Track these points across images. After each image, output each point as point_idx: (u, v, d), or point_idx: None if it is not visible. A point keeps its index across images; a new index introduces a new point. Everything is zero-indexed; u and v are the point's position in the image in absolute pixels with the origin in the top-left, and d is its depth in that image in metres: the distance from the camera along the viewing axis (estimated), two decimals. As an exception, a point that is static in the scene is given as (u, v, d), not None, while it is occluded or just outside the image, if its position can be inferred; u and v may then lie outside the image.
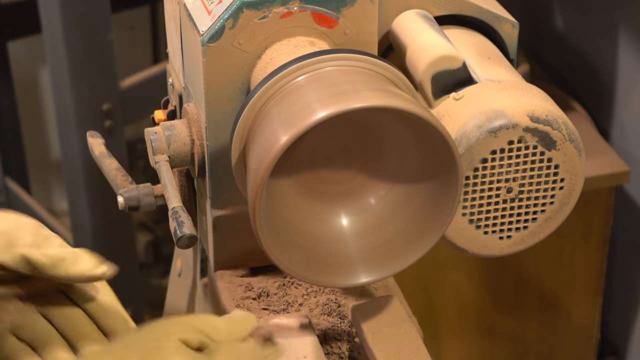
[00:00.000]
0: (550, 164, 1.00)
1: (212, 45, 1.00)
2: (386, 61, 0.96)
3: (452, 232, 1.01)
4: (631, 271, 2.25)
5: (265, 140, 0.89)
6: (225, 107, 1.03)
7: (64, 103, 2.54)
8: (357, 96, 0.88)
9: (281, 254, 0.92)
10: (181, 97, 1.15)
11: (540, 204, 1.01)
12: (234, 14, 1.00)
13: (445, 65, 1.02)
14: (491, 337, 2.19)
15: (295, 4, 1.01)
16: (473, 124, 0.98)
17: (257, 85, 0.95)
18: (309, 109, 0.88)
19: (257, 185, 0.88)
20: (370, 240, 0.98)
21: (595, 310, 2.21)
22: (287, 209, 0.96)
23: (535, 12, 2.41)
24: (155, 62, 3.21)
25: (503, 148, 0.98)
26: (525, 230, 1.03)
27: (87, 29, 2.47)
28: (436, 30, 1.06)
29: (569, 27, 2.31)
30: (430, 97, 1.03)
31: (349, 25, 1.03)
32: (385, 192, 0.98)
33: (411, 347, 1.01)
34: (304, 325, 1.04)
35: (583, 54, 2.26)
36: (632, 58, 2.10)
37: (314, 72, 0.94)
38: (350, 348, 1.08)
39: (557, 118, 0.99)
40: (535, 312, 2.19)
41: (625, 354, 2.32)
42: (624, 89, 2.15)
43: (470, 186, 0.99)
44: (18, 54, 2.99)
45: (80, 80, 2.50)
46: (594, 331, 2.24)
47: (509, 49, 1.14)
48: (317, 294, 1.14)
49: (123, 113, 2.63)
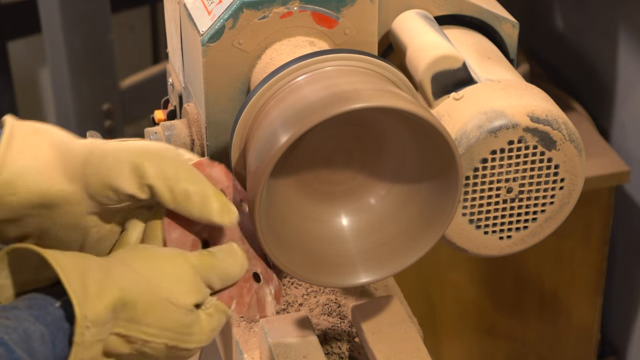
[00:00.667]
0: (550, 164, 1.00)
1: (212, 45, 1.00)
2: (386, 61, 0.96)
3: (452, 232, 1.01)
4: (631, 271, 2.25)
5: (266, 140, 0.89)
6: (225, 107, 1.03)
7: (64, 103, 2.55)
8: (357, 96, 0.88)
9: (281, 254, 0.93)
10: (181, 97, 1.15)
11: (540, 204, 1.01)
12: (234, 14, 1.00)
13: (445, 65, 1.02)
14: (491, 337, 2.19)
15: (295, 4, 1.01)
16: (473, 124, 0.98)
17: (257, 85, 0.95)
18: (309, 109, 0.88)
19: (257, 185, 0.88)
20: (371, 240, 0.98)
21: (595, 310, 2.21)
22: (287, 209, 0.96)
23: (535, 12, 2.41)
24: (155, 62, 3.21)
25: (503, 148, 0.98)
26: (525, 230, 1.03)
27: (87, 29, 2.47)
28: (436, 30, 1.06)
29: (569, 27, 2.31)
30: (430, 97, 1.03)
31: (349, 25, 1.03)
32: (385, 192, 0.98)
33: (411, 347, 1.01)
34: (304, 325, 1.04)
35: (583, 54, 2.26)
36: (632, 58, 2.10)
37: (314, 72, 0.94)
38: (350, 348, 1.08)
39: (557, 118, 0.99)
40: (535, 312, 2.19)
41: (625, 354, 2.32)
42: (624, 89, 2.15)
43: (470, 186, 0.99)
44: (18, 54, 2.99)
45: (80, 80, 2.51)
46: (594, 331, 2.24)
47: (509, 49, 1.14)
48: (317, 294, 1.14)
49: (123, 113, 2.63)
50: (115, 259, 0.85)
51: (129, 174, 0.86)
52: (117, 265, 0.84)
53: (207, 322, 0.88)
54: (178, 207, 0.87)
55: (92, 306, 0.79)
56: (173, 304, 0.84)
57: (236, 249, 0.89)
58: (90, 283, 0.80)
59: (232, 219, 0.89)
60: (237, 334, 1.09)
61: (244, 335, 1.09)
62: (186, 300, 0.85)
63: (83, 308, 0.78)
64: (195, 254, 0.88)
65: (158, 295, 0.84)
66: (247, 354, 1.07)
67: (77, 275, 0.80)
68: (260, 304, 0.92)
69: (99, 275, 0.81)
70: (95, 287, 0.80)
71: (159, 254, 0.86)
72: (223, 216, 0.88)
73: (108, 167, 0.86)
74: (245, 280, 0.91)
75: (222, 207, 0.88)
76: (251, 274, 0.92)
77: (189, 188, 0.87)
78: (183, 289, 0.85)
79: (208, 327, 0.88)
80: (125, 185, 0.86)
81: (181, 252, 0.87)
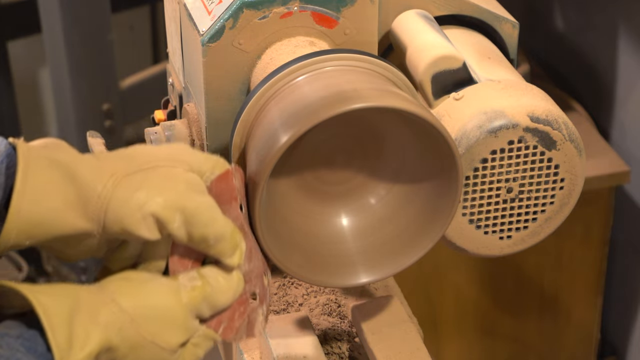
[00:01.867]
0: (550, 164, 1.00)
1: (212, 45, 1.00)
2: (386, 61, 0.96)
3: (452, 232, 1.01)
4: (631, 271, 2.25)
5: (266, 140, 0.89)
6: (225, 107, 1.03)
7: (64, 103, 2.55)
8: (357, 96, 0.88)
9: (281, 254, 0.92)
10: (181, 97, 1.15)
11: (540, 204, 1.01)
12: (234, 14, 1.00)
13: (445, 65, 1.02)
14: (491, 337, 2.19)
15: (295, 4, 1.01)
16: (473, 124, 0.98)
17: (257, 85, 0.95)
18: (309, 109, 0.88)
19: (257, 185, 0.88)
20: (371, 240, 0.98)
21: (595, 310, 2.21)
22: (287, 209, 0.96)
23: (535, 12, 2.41)
24: (155, 62, 3.21)
25: (503, 148, 0.98)
26: (525, 230, 1.03)
27: (87, 29, 2.47)
28: (436, 30, 1.06)
29: (569, 27, 2.31)
30: (430, 97, 1.03)
31: (349, 25, 1.03)
32: (385, 192, 0.98)
33: (411, 347, 1.01)
34: (304, 325, 1.04)
35: (583, 54, 2.26)
36: (632, 58, 2.10)
37: (314, 72, 0.94)
38: (350, 348, 1.08)
39: (557, 118, 0.99)
40: (535, 312, 2.19)
41: (625, 354, 2.32)
42: (624, 89, 2.15)
43: (470, 186, 0.99)
44: (18, 54, 2.99)
45: (80, 80, 2.51)
46: (594, 331, 2.24)
47: (509, 49, 1.14)
48: (317, 294, 1.14)
49: (123, 113, 2.63)
50: (104, 294, 0.83)
51: (151, 225, 0.83)
52: (105, 305, 0.82)
53: (191, 353, 0.86)
54: (191, 245, 0.86)
55: (74, 359, 0.78)
56: (159, 347, 0.83)
57: (233, 275, 0.87)
58: (77, 328, 0.79)
59: (242, 259, 0.87)
60: (237, 334, 1.09)
61: (244, 335, 1.09)
62: (173, 341, 0.84)
63: None
64: (187, 289, 0.85)
65: (143, 338, 0.82)
66: (247, 354, 1.07)
67: (63, 321, 0.78)
68: (250, 325, 0.90)
69: (85, 319, 0.80)
70: (81, 334, 0.79)
71: (149, 290, 0.84)
72: (233, 257, 0.87)
73: (130, 217, 0.83)
74: (240, 303, 0.88)
75: (233, 248, 0.86)
76: (248, 296, 0.90)
77: (207, 232, 0.85)
78: (171, 331, 0.84)
79: (191, 358, 0.86)
80: (145, 234, 0.84)
81: (174, 289, 0.85)
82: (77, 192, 0.83)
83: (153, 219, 0.83)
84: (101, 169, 0.84)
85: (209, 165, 0.87)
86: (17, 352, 0.77)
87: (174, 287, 0.85)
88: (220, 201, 0.86)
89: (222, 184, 0.87)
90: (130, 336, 0.82)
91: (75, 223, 0.83)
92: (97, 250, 0.87)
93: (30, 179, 0.81)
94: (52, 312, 0.78)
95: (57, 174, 0.83)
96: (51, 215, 0.82)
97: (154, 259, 0.88)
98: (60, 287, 0.81)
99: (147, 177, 0.84)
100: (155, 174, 0.85)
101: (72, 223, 0.83)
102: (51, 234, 0.83)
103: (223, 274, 0.87)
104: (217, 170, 0.88)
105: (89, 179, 0.83)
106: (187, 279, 0.85)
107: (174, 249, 0.87)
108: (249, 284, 0.89)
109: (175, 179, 0.85)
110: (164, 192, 0.84)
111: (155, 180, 0.84)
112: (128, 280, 0.85)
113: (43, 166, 0.82)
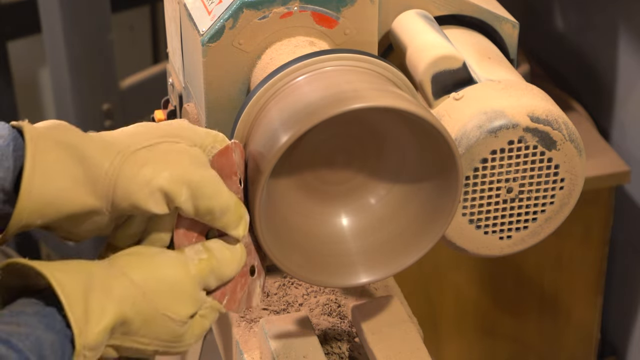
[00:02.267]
0: (550, 164, 1.00)
1: (212, 45, 1.00)
2: (386, 61, 0.96)
3: (452, 232, 1.01)
4: (631, 271, 2.25)
5: (266, 140, 0.89)
6: (225, 107, 1.03)
7: (64, 103, 2.54)
8: (357, 96, 0.88)
9: (281, 254, 0.93)
10: (181, 97, 1.15)
11: (540, 204, 1.01)
12: (234, 14, 1.00)
13: (445, 65, 1.02)
14: (491, 337, 2.19)
15: (295, 4, 1.01)
16: (473, 124, 0.98)
17: (257, 85, 0.95)
18: (309, 109, 0.88)
19: (257, 185, 0.88)
20: (371, 240, 0.98)
21: (595, 310, 2.21)
22: (287, 209, 0.96)
23: (535, 12, 2.41)
24: (155, 62, 3.21)
25: (503, 148, 0.98)
26: (525, 230, 1.03)
27: (87, 29, 2.47)
28: (436, 30, 1.06)
29: (569, 27, 2.31)
30: (430, 97, 1.03)
31: (349, 25, 1.03)
32: (385, 192, 0.98)
33: (411, 347, 1.01)
34: (304, 325, 1.04)
35: (583, 54, 2.26)
36: (632, 58, 2.10)
37: (314, 72, 0.94)
38: (350, 348, 1.08)
39: (557, 118, 0.99)
40: (535, 312, 2.19)
41: (625, 354, 2.32)
42: (624, 89, 2.15)
43: (470, 186, 0.99)
44: (18, 54, 2.99)
45: (80, 80, 2.51)
46: (594, 331, 2.24)
47: (509, 49, 1.14)
48: (317, 294, 1.14)
49: (123, 113, 2.63)
50: (115, 268, 0.84)
51: (159, 200, 0.85)
52: (117, 278, 0.83)
53: (199, 324, 0.88)
54: (198, 218, 0.87)
55: (91, 333, 0.79)
56: (170, 318, 0.84)
57: (237, 247, 0.89)
58: (92, 304, 0.80)
59: (247, 230, 0.89)
60: (237, 334, 1.09)
61: (244, 335, 1.09)
62: (183, 312, 0.85)
63: (83, 337, 0.78)
64: (195, 261, 0.87)
65: (155, 311, 0.84)
66: (247, 354, 1.07)
67: (79, 297, 0.79)
68: (249, 296, 0.92)
69: (100, 294, 0.81)
70: (97, 309, 0.80)
71: (158, 263, 0.86)
72: (238, 228, 0.89)
73: (138, 193, 0.85)
74: (242, 275, 0.91)
75: (238, 219, 0.88)
76: (248, 268, 0.92)
77: (212, 204, 0.86)
78: (181, 302, 0.85)
79: (199, 329, 0.88)
80: (154, 209, 0.85)
81: (182, 262, 0.86)
82: (85, 171, 0.84)
83: (161, 194, 0.85)
84: (107, 147, 0.86)
85: (210, 140, 0.90)
86: (37, 330, 0.78)
87: (182, 259, 0.86)
88: (221, 175, 0.88)
89: (223, 159, 0.89)
90: (143, 309, 0.83)
91: (85, 201, 0.84)
92: (105, 227, 0.88)
93: (39, 159, 0.83)
94: (68, 289, 0.79)
95: (65, 153, 0.84)
96: (61, 195, 0.84)
97: (158, 234, 0.89)
98: (73, 264, 0.83)
99: (152, 153, 0.86)
100: (159, 150, 0.87)
101: (82, 201, 0.84)
102: (62, 212, 0.84)
103: (227, 245, 0.89)
104: (218, 145, 0.90)
105: (96, 157, 0.85)
106: (193, 252, 0.87)
107: (179, 223, 0.88)
108: (249, 257, 0.91)
109: (179, 153, 0.87)
110: (169, 167, 0.85)
111: (160, 156, 0.86)
112: (137, 255, 0.86)
113: (50, 147, 0.84)
